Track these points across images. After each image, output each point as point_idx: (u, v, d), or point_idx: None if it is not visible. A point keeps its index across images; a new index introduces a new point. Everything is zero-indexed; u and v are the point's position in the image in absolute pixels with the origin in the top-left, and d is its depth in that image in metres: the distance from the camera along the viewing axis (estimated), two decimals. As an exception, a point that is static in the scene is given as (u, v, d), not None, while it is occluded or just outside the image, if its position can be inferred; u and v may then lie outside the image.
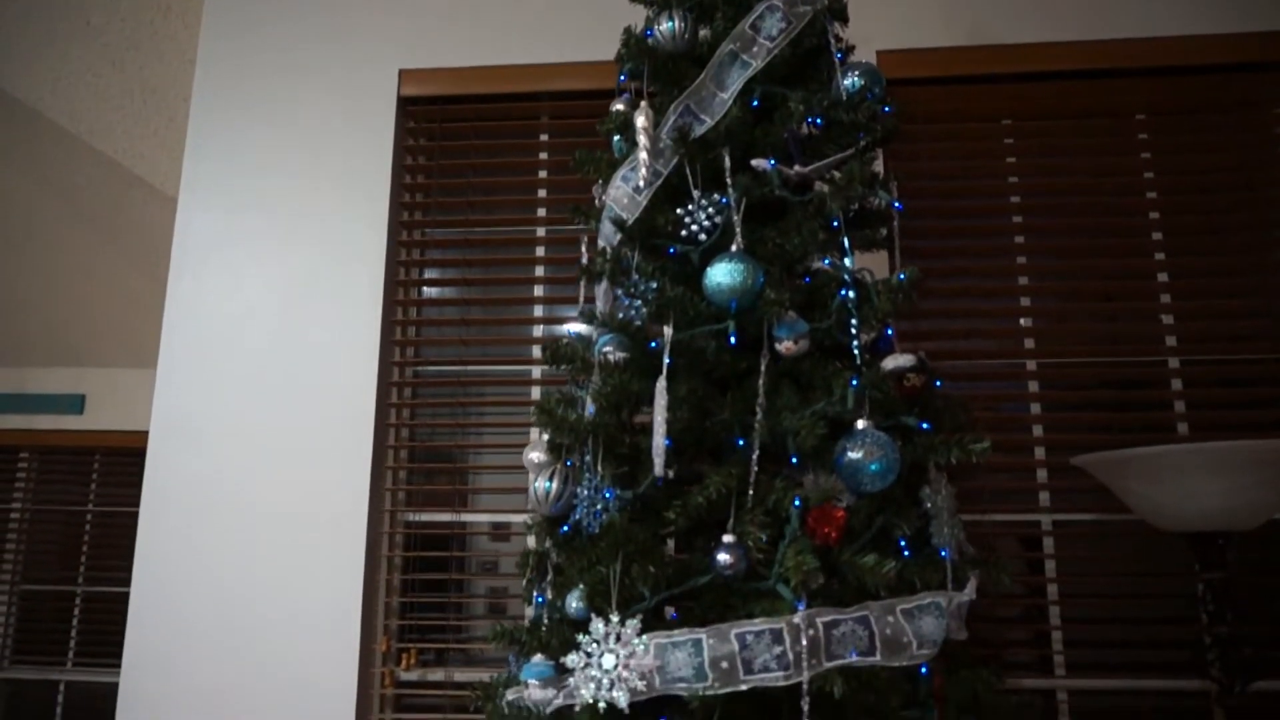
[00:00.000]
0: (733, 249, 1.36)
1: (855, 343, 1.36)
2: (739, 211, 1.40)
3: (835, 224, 1.43)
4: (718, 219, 1.42)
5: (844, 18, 1.65)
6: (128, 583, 2.39)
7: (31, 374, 4.03)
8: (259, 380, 2.41)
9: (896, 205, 1.48)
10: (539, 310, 2.48)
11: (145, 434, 2.50)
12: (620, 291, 1.46)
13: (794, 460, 1.33)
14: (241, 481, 2.36)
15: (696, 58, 1.59)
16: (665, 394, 1.30)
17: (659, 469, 1.30)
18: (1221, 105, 2.42)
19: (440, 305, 2.55)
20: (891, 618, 1.22)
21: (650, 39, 1.61)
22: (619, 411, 1.46)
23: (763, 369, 1.34)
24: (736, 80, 1.50)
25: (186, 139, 2.60)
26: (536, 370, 2.46)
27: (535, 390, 2.44)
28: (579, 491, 1.37)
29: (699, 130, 1.50)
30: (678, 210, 1.47)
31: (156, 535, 2.35)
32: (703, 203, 1.44)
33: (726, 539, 1.27)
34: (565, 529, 1.42)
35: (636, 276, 1.44)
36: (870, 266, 1.51)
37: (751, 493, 1.32)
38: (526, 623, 1.49)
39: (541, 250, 2.52)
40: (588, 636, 1.26)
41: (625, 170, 1.53)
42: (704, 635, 1.21)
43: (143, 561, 2.34)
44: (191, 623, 2.28)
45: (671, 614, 1.35)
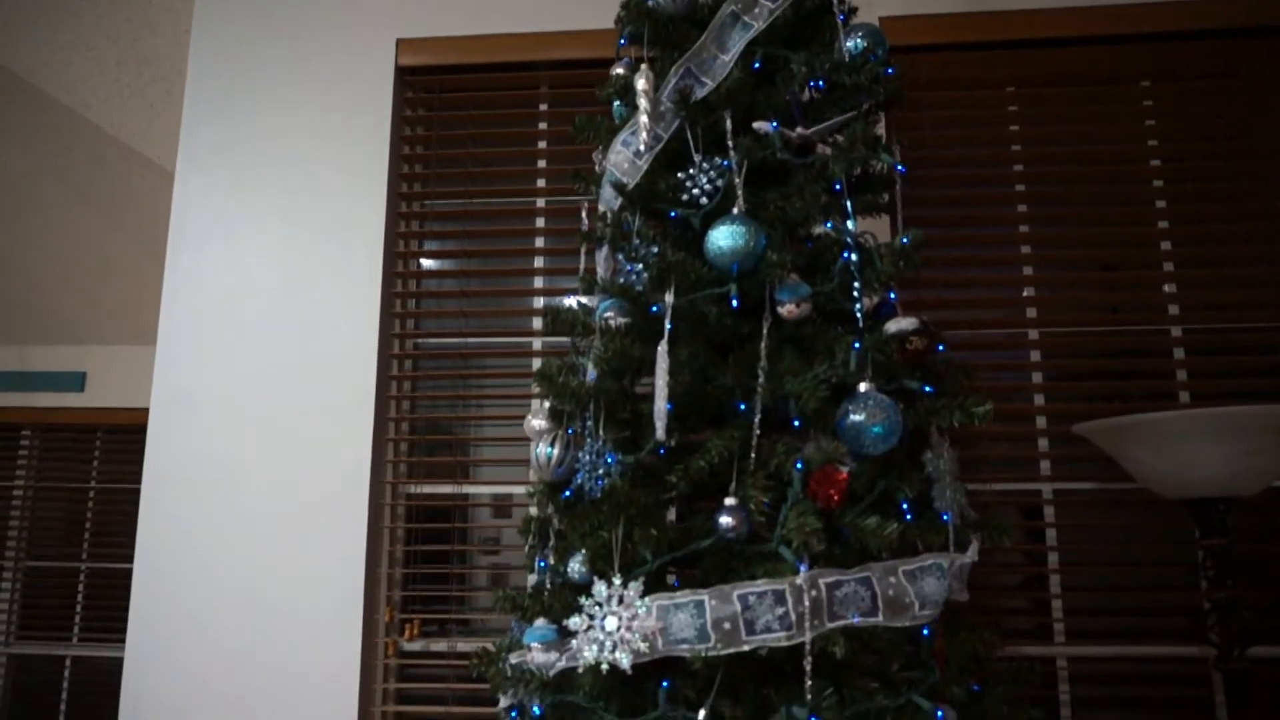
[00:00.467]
0: (734, 212, 1.35)
1: (858, 306, 1.36)
2: (740, 174, 1.39)
3: (838, 187, 1.42)
4: (719, 182, 1.41)
5: (847, -21, 1.63)
6: (131, 559, 2.39)
7: (32, 351, 4.03)
8: (259, 354, 2.41)
9: (899, 168, 1.47)
10: (539, 281, 2.47)
11: (146, 411, 2.50)
12: (621, 256, 1.45)
13: (796, 424, 1.32)
14: (243, 455, 2.36)
15: (697, 20, 1.57)
16: (666, 358, 1.30)
17: (660, 433, 1.30)
18: (1226, 71, 2.39)
19: (440, 277, 2.54)
20: (894, 579, 1.22)
21: (650, 1, 1.59)
22: (620, 377, 1.46)
23: (765, 332, 1.33)
24: (738, 42, 1.49)
25: (183, 112, 2.58)
26: (537, 342, 2.45)
27: (536, 362, 2.43)
28: (580, 456, 1.37)
29: (700, 93, 1.48)
30: (678, 174, 1.46)
31: (158, 510, 2.36)
32: (704, 166, 1.43)
33: (728, 502, 1.27)
34: (567, 494, 1.42)
35: (637, 241, 1.43)
36: (873, 231, 1.50)
37: (753, 456, 1.32)
38: (528, 589, 1.50)
39: (541, 221, 2.50)
40: (590, 599, 1.26)
41: (625, 134, 1.52)
42: (706, 597, 1.21)
43: (145, 537, 2.34)
44: (195, 597, 2.29)
45: (674, 582, 1.36)
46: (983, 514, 1.49)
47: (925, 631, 1.29)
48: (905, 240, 1.40)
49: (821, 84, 1.48)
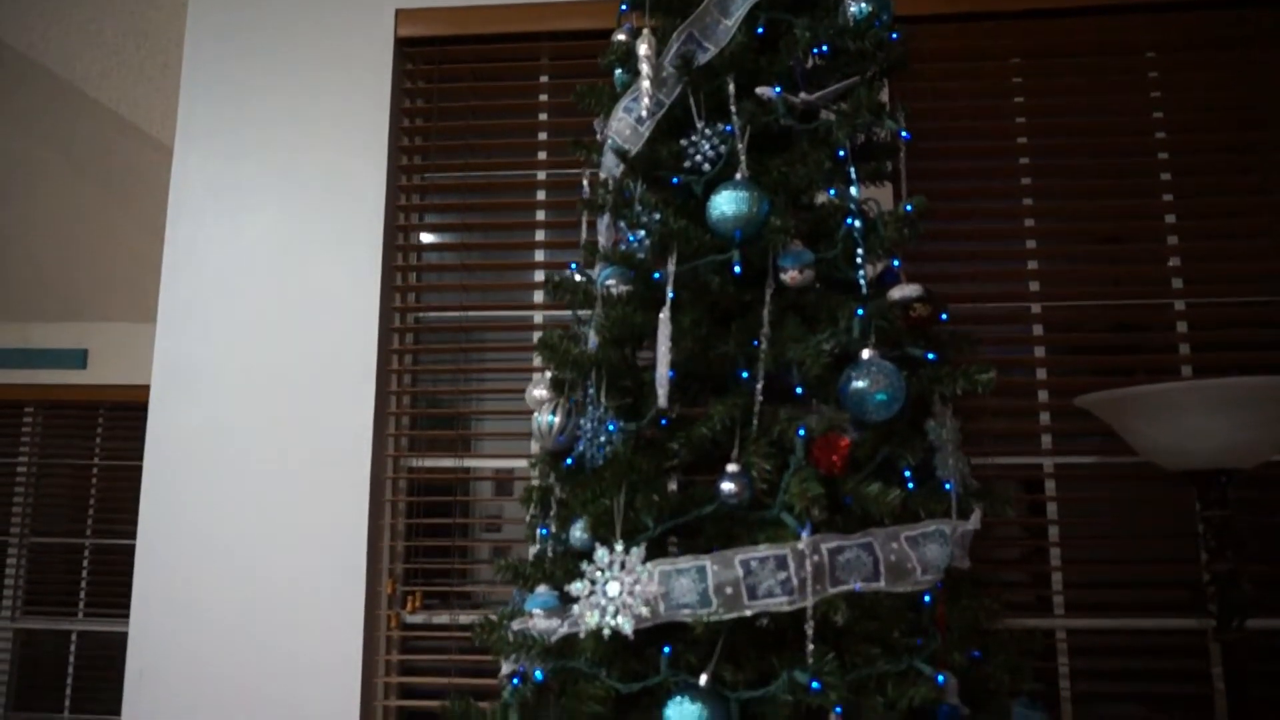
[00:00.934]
0: (737, 178, 1.34)
1: (861, 273, 1.35)
2: (743, 140, 1.38)
3: (841, 154, 1.41)
4: (721, 148, 1.40)
5: (851, -56, 1.60)
6: (135, 535, 2.40)
7: (33, 329, 4.02)
8: (259, 328, 2.40)
9: (904, 134, 1.45)
10: (540, 254, 2.46)
11: (148, 388, 2.49)
12: (623, 224, 1.44)
13: (798, 391, 1.32)
14: (243, 429, 2.36)
15: (700, -15, 1.55)
16: (669, 325, 1.29)
17: (662, 400, 1.30)
18: (1232, 42, 2.37)
19: (441, 250, 2.53)
20: (896, 544, 1.22)
21: (652, -34, 1.57)
22: (622, 345, 1.45)
23: (767, 299, 1.33)
24: (741, 6, 1.47)
25: (181, 85, 2.56)
26: (538, 315, 2.45)
27: (537, 334, 2.42)
28: (582, 424, 1.36)
29: (703, 58, 1.46)
30: (681, 141, 1.45)
31: (160, 485, 2.36)
32: (706, 132, 1.42)
33: (730, 468, 1.27)
34: (568, 462, 1.42)
35: (639, 209, 1.42)
36: (876, 199, 1.49)
37: (755, 424, 1.31)
38: (530, 559, 1.50)
39: (542, 194, 2.49)
40: (592, 565, 1.26)
41: (627, 101, 1.51)
42: (708, 562, 1.21)
43: (147, 512, 2.35)
44: (197, 571, 2.30)
45: (675, 551, 1.36)
46: (984, 486, 1.49)
47: (927, 598, 1.29)
48: (909, 207, 1.39)
49: (825, 49, 1.47)
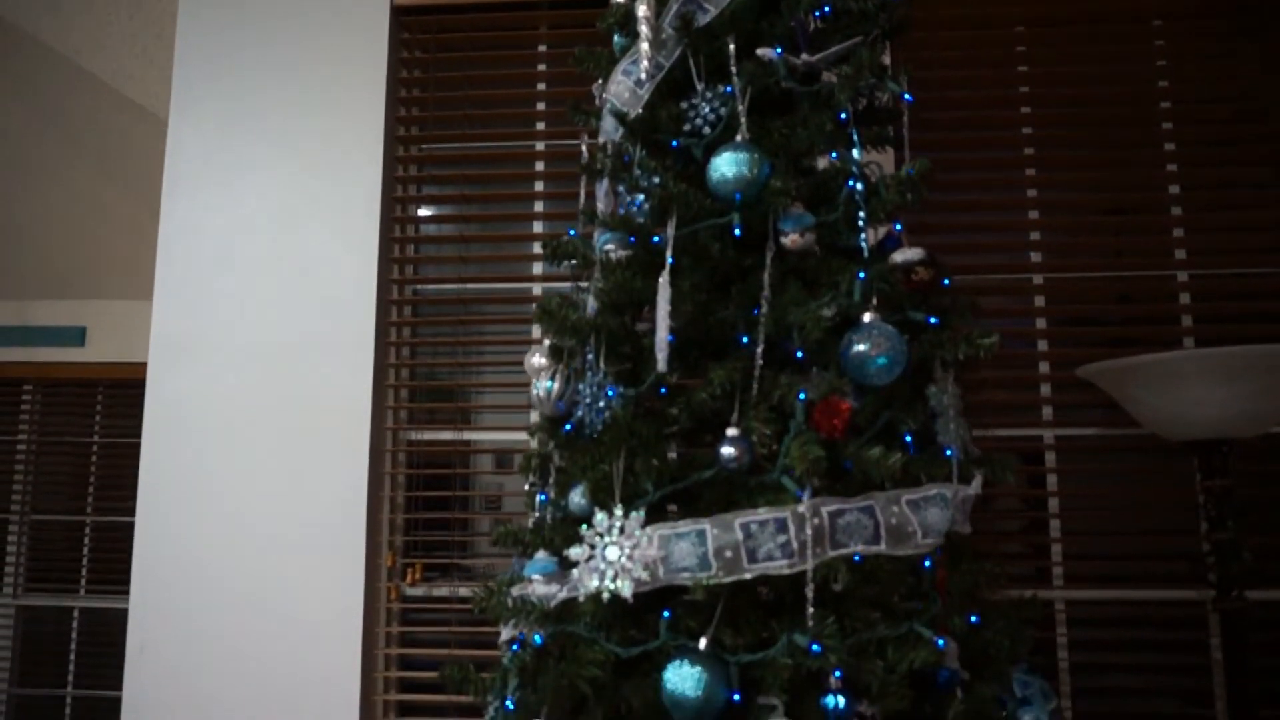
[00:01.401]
0: (737, 140, 1.32)
1: (862, 236, 1.34)
2: (744, 102, 1.36)
3: (843, 116, 1.39)
4: (722, 110, 1.38)
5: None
6: (135, 513, 2.40)
7: (31, 306, 4.01)
8: (256, 300, 2.39)
9: (906, 97, 1.43)
10: (539, 226, 2.44)
11: (147, 365, 2.48)
12: (622, 188, 1.43)
13: (799, 355, 1.31)
14: (242, 402, 2.35)
15: (700, -54, 1.53)
16: (669, 288, 1.28)
17: (662, 365, 1.29)
18: (1239, 11, 2.34)
19: (439, 222, 2.51)
20: (896, 508, 1.22)
21: (651, -73, 1.54)
22: (621, 311, 1.44)
23: (768, 263, 1.31)
24: (742, -34, 1.44)
25: (175, 55, 2.53)
26: (537, 287, 2.43)
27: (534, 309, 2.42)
28: (581, 389, 1.35)
29: (703, 19, 1.44)
30: (681, 104, 1.43)
31: (159, 458, 2.35)
32: (707, 95, 1.40)
33: (730, 432, 1.26)
34: (567, 428, 1.41)
35: (638, 172, 1.40)
36: (878, 163, 1.47)
37: (756, 389, 1.30)
38: (529, 526, 1.49)
39: (541, 165, 2.47)
40: (591, 530, 1.26)
41: (626, 64, 1.48)
42: (708, 525, 1.21)
43: (146, 486, 2.34)
44: (196, 545, 2.30)
45: (674, 519, 1.35)
46: (985, 454, 1.48)
47: (927, 563, 1.29)
48: (911, 171, 1.38)
49: (827, 10, 1.44)
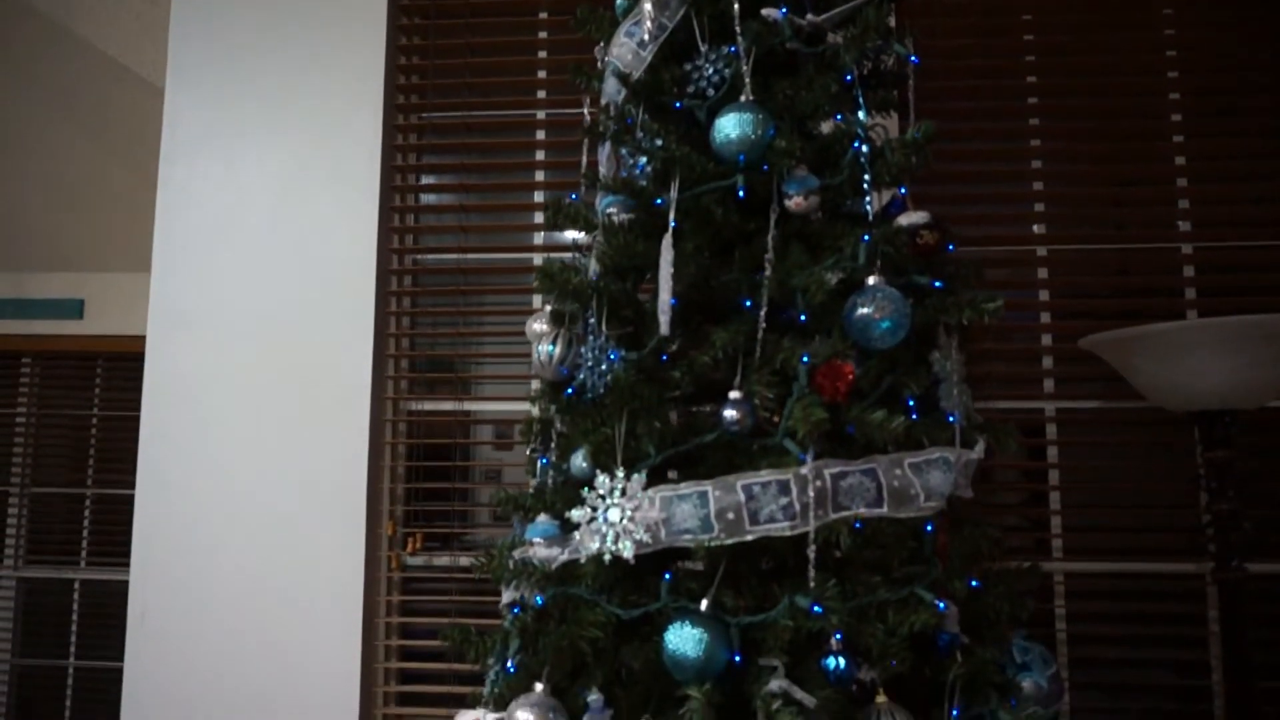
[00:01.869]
0: (742, 100, 1.30)
1: (867, 199, 1.32)
2: (748, 63, 1.34)
3: (849, 79, 1.38)
4: (726, 72, 1.37)
5: None
6: (135, 486, 2.39)
7: (29, 278, 3.99)
8: (255, 270, 2.38)
9: (912, 59, 1.42)
10: (540, 196, 2.43)
11: (145, 338, 2.47)
12: (624, 151, 1.41)
13: (802, 319, 1.30)
14: (242, 373, 2.34)
15: (704, -97, 1.50)
16: (671, 250, 1.27)
17: (664, 328, 1.28)
18: (1250, -21, 2.32)
19: (439, 191, 2.49)
20: (899, 470, 1.22)
21: (655, -114, 1.52)
22: (623, 276, 1.43)
23: (772, 224, 1.30)
24: (746, -76, 1.42)
25: (170, 20, 2.50)
26: (538, 258, 2.42)
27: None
28: (583, 353, 1.35)
29: (706, -22, 1.42)
30: (684, 65, 1.41)
31: (159, 431, 2.35)
32: (710, 56, 1.38)
33: (733, 395, 1.25)
34: (569, 392, 1.40)
35: (641, 135, 1.39)
36: (884, 125, 1.46)
37: (758, 352, 1.30)
38: (530, 489, 1.49)
39: (542, 134, 2.45)
40: (593, 492, 1.26)
41: (629, 25, 1.46)
42: (710, 487, 1.20)
43: (146, 457, 2.34)
44: (196, 517, 2.30)
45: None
46: (988, 421, 1.47)
47: (929, 527, 1.29)
48: (917, 134, 1.36)
49: (833, -30, 1.42)
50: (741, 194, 1.31)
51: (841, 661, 1.16)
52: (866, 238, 1.28)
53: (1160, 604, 2.22)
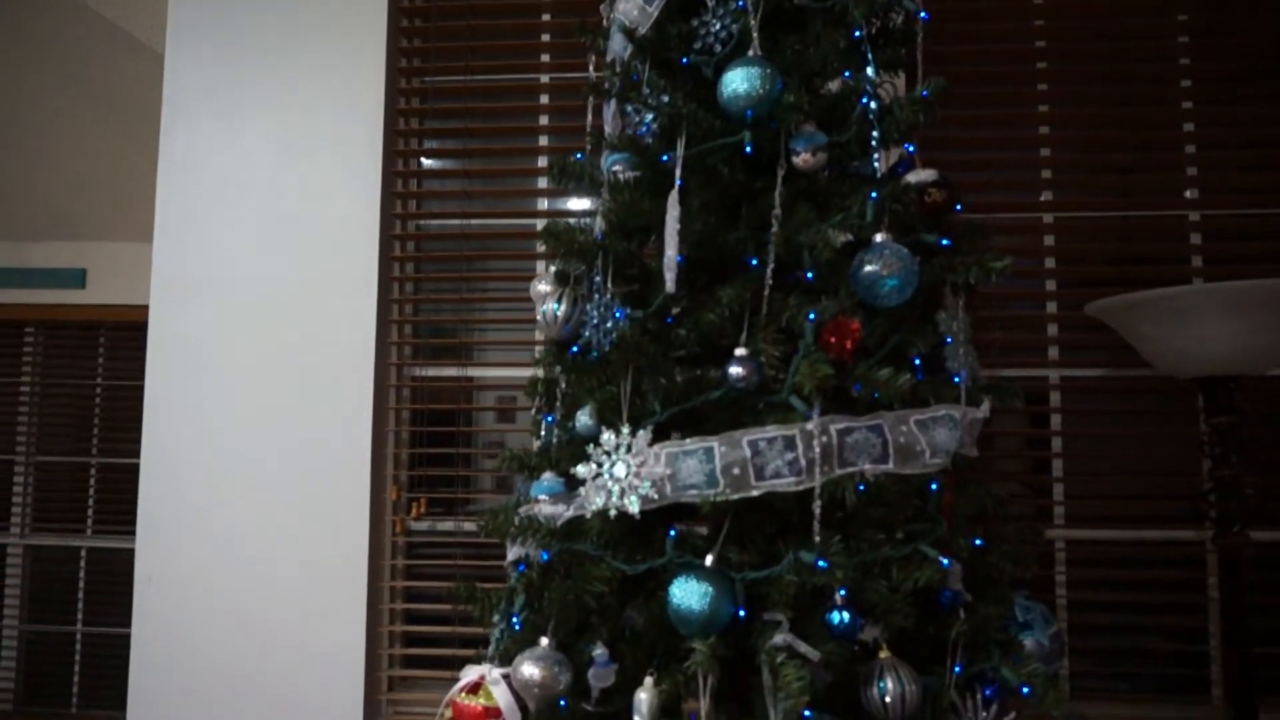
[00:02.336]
0: (750, 55, 1.29)
1: (875, 156, 1.31)
2: (756, 17, 1.32)
3: (857, 34, 1.36)
4: (733, 27, 1.35)
5: None
6: (139, 455, 2.40)
7: (31, 248, 3.98)
8: (258, 236, 2.37)
9: (922, 15, 1.40)
10: (544, 161, 2.41)
11: (148, 308, 2.47)
12: (631, 108, 1.40)
13: (809, 277, 1.30)
14: (244, 339, 2.34)
15: None
16: (678, 206, 1.26)
17: (670, 285, 1.28)
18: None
19: (441, 156, 2.47)
20: (905, 427, 1.22)
21: None
22: (629, 236, 1.43)
23: (779, 181, 1.29)
24: (755, -123, 1.40)
25: (169, -18, 2.48)
26: (542, 224, 2.40)
27: (542, 245, 2.39)
28: (588, 310, 1.34)
29: (714, -67, 1.40)
30: (691, 20, 1.40)
31: (162, 396, 2.35)
32: (718, 10, 1.37)
33: (739, 352, 1.25)
34: (574, 350, 1.40)
35: (647, 91, 1.37)
36: (893, 82, 1.44)
37: (765, 310, 1.29)
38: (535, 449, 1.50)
39: (546, 98, 2.43)
40: (598, 448, 1.26)
41: (635, -21, 1.45)
42: (715, 443, 1.21)
43: (150, 425, 2.34)
44: (201, 483, 2.30)
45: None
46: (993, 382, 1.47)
47: (934, 486, 1.29)
48: (925, 94, 1.35)
49: (842, -76, 1.40)
50: (748, 150, 1.30)
51: (845, 616, 1.17)
52: (874, 195, 1.27)
53: (1161, 571, 2.23)
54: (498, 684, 1.30)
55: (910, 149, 1.39)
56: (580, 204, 1.55)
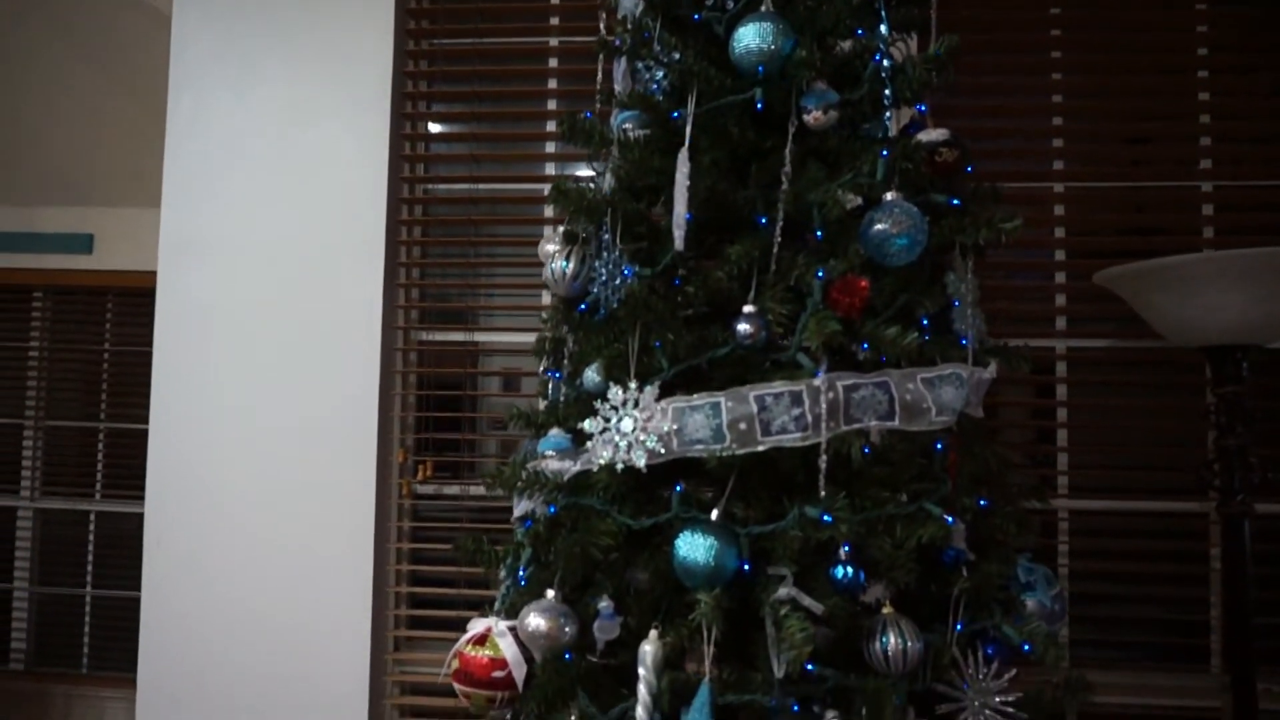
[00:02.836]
0: (762, 9, 1.28)
1: (887, 115, 1.31)
2: (769, -28, 1.31)
3: (870, -9, 1.35)
4: (746, -18, 1.34)
5: None
6: (148, 420, 2.41)
7: (38, 213, 3.98)
8: (266, 199, 2.37)
9: (936, -27, 1.39)
10: (552, 126, 2.40)
11: (155, 274, 2.47)
12: (641, 65, 1.39)
13: (819, 235, 1.29)
14: (252, 302, 2.35)
15: None
16: (688, 163, 1.26)
17: (679, 243, 1.28)
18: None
19: (449, 121, 2.46)
20: (911, 384, 1.22)
21: None
22: (638, 196, 1.42)
23: (790, 137, 1.29)
24: None
25: (177, -58, 2.46)
26: (549, 189, 2.40)
27: (549, 209, 2.39)
28: (596, 267, 1.34)
29: (727, -113, 1.38)
30: (703, -24, 1.39)
31: (171, 359, 2.37)
32: (730, -34, 1.35)
33: (746, 309, 1.25)
34: (582, 308, 1.40)
35: (658, 48, 1.37)
36: (906, 40, 1.43)
37: (773, 268, 1.29)
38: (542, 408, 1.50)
39: (555, 62, 2.41)
40: (606, 403, 1.26)
41: (647, -65, 1.43)
42: (722, 398, 1.21)
43: (160, 386, 2.36)
44: (210, 444, 2.33)
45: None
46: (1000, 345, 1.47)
47: (939, 446, 1.30)
48: (939, 51, 1.34)
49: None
50: (759, 107, 1.29)
51: (849, 570, 1.18)
52: (885, 153, 1.27)
53: (1164, 541, 2.24)
54: (504, 636, 1.31)
55: (922, 109, 1.38)
56: (588, 172, 1.54)
